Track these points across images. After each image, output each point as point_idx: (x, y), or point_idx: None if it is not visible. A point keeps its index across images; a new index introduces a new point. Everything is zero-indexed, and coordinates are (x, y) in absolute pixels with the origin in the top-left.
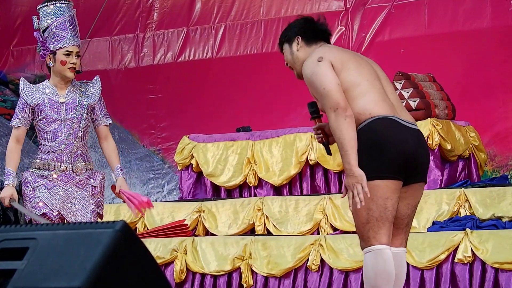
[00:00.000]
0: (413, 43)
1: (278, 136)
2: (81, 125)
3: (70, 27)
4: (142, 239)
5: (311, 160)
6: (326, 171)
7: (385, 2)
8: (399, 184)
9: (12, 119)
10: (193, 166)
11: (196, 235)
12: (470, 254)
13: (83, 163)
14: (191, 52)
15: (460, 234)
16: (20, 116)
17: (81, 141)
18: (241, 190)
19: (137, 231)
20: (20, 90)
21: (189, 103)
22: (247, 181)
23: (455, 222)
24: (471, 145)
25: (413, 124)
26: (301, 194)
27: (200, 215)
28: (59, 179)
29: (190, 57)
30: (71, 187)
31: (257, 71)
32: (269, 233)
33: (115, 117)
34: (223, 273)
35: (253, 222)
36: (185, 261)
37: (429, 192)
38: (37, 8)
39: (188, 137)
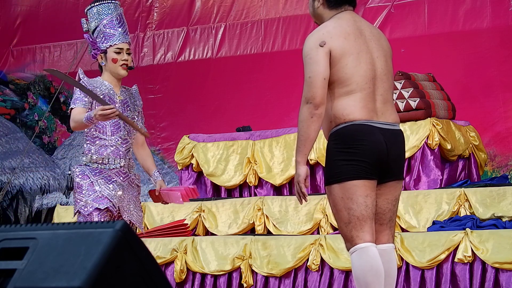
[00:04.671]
0: (413, 43)
1: (278, 136)
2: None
3: (119, 25)
4: (142, 239)
5: (311, 160)
6: None
7: (385, 2)
8: (374, 183)
9: (76, 102)
10: (193, 165)
11: (196, 235)
12: (470, 254)
13: (133, 162)
14: (191, 52)
15: (460, 234)
16: (86, 100)
17: (132, 140)
18: (241, 189)
19: (137, 231)
20: (80, 80)
21: (189, 103)
22: (247, 180)
23: (455, 222)
24: (471, 145)
25: (391, 125)
26: None
27: (200, 214)
28: (116, 175)
29: (190, 57)
30: (126, 184)
31: (257, 71)
32: (269, 233)
33: None
34: (223, 272)
35: (253, 221)
36: (185, 261)
37: (429, 192)
38: (85, 10)
39: (188, 136)
